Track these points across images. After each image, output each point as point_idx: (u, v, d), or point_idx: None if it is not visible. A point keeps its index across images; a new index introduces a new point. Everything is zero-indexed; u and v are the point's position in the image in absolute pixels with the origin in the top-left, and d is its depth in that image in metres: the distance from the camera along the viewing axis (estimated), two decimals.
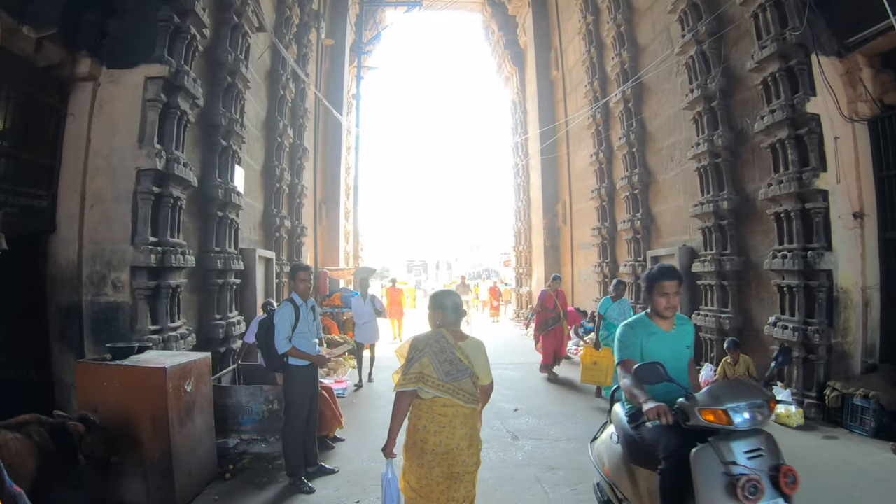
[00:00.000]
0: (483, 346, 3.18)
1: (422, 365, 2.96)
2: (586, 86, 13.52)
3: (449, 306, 3.10)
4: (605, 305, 7.84)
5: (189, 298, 6.79)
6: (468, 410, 3.01)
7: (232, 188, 7.58)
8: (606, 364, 7.45)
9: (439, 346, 3.00)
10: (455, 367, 2.97)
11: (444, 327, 3.09)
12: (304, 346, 4.58)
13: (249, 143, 9.35)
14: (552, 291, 9.58)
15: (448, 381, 2.95)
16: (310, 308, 4.72)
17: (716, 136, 8.44)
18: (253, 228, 9.35)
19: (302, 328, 4.57)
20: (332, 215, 15.88)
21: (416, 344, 3.05)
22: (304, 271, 4.68)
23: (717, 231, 8.45)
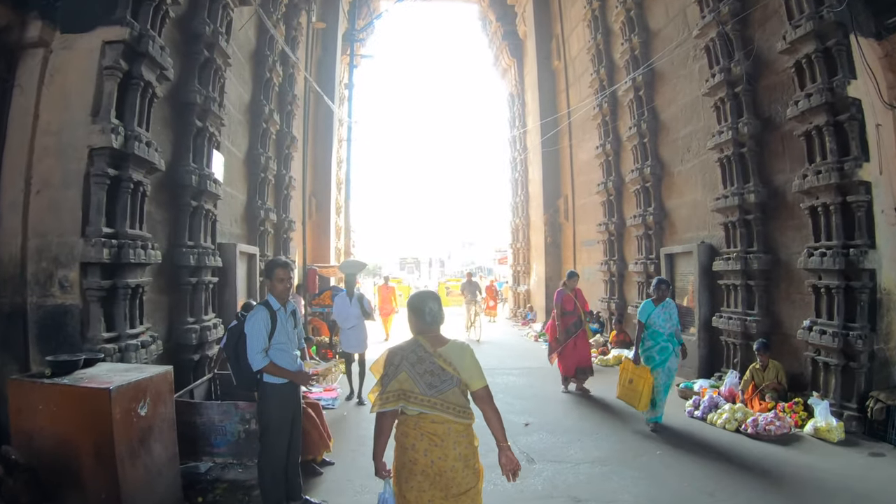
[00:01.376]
0: (467, 347, 2.80)
1: (399, 381, 2.66)
2: (592, 74, 12.78)
3: (425, 311, 2.79)
4: (646, 311, 6.27)
5: (156, 300, 5.98)
6: (461, 427, 2.69)
7: (208, 175, 6.77)
8: (643, 385, 6.07)
9: (416, 356, 2.70)
10: (437, 377, 2.66)
11: (422, 334, 2.79)
12: (282, 360, 3.79)
13: (231, 127, 8.54)
14: (569, 291, 8.24)
15: (432, 395, 2.64)
16: (289, 313, 3.94)
17: (740, 123, 7.73)
18: (234, 221, 8.53)
19: (280, 338, 3.78)
20: (322, 210, 15.06)
21: (391, 358, 2.75)
22: (281, 268, 3.86)
23: (741, 226, 7.75)
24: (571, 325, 8.12)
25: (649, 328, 6.25)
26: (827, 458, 5.35)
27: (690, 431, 6.20)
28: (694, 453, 5.43)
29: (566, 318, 8.15)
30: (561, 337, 8.13)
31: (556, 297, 8.32)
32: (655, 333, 6.22)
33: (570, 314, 8.18)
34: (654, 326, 6.22)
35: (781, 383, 6.97)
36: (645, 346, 6.26)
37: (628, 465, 5.13)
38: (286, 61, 11.35)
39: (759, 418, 6.16)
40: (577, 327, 8.11)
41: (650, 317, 6.24)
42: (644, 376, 6.08)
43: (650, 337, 6.26)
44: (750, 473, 4.94)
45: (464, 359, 2.73)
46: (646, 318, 6.25)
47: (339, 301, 7.59)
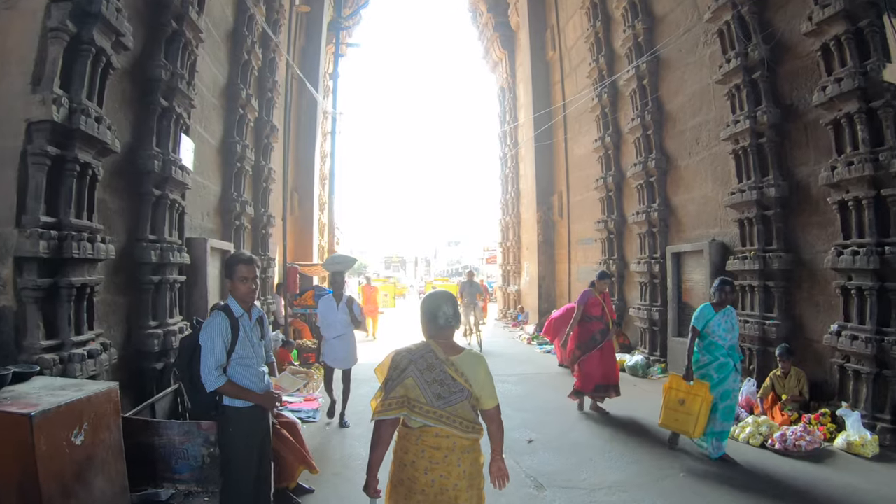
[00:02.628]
0: (482, 359, 2.58)
1: (405, 387, 2.41)
2: (590, 63, 12.19)
3: (439, 315, 2.55)
4: (704, 317, 5.19)
5: (112, 301, 5.22)
6: (468, 442, 2.45)
7: (174, 160, 6.01)
8: (699, 405, 5.02)
9: (426, 362, 2.45)
10: (447, 388, 2.42)
11: (434, 339, 2.54)
12: (245, 377, 3.07)
13: (204, 111, 7.78)
14: (597, 294, 7.10)
15: (440, 407, 2.40)
16: (255, 321, 3.22)
17: (759, 112, 7.18)
18: (206, 214, 7.77)
19: (243, 351, 3.07)
20: (305, 205, 14.28)
21: (397, 361, 2.49)
22: (244, 265, 3.11)
23: (759, 223, 7.19)
24: (597, 332, 6.99)
25: (706, 338, 5.19)
26: (866, 475, 4.83)
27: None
28: (720, 473, 4.84)
29: (591, 324, 7.01)
30: (583, 346, 7.00)
31: (581, 298, 7.15)
32: (714, 346, 5.17)
33: (596, 320, 7.05)
34: (713, 337, 5.16)
35: (803, 393, 6.43)
36: (700, 361, 5.22)
37: (650, 490, 4.51)
38: (267, 45, 10.60)
39: (786, 433, 5.61)
40: (603, 336, 7.01)
41: (709, 325, 5.17)
42: (700, 393, 5.04)
43: (707, 350, 5.20)
44: (785, 496, 4.38)
45: (478, 372, 2.49)
46: (703, 325, 5.18)
47: (325, 305, 6.48)
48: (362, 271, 60.05)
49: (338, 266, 7.21)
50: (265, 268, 9.99)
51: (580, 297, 7.19)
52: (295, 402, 6.52)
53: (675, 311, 8.81)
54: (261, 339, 3.23)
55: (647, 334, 9.64)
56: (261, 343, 3.22)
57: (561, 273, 15.11)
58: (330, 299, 6.50)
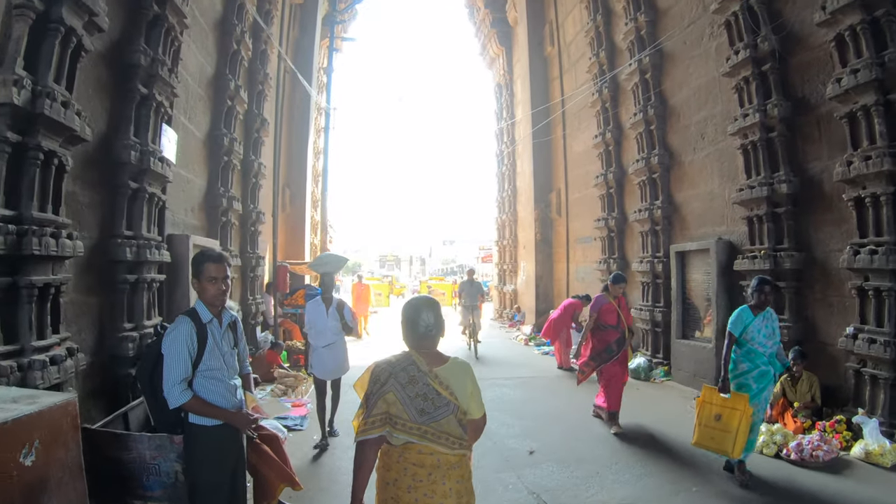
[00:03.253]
0: (469, 368, 2.39)
1: (387, 402, 2.23)
2: (590, 58, 11.86)
3: (419, 322, 2.35)
4: (742, 321, 4.62)
5: (83, 302, 4.85)
6: (454, 458, 2.27)
7: (152, 151, 5.64)
8: (738, 421, 4.40)
9: (408, 375, 2.27)
10: (431, 402, 2.25)
11: (416, 349, 2.36)
12: (213, 392, 2.72)
13: (189, 102, 7.41)
14: (612, 299, 6.37)
15: (424, 423, 2.22)
16: (226, 327, 2.86)
17: (769, 105, 6.88)
18: (191, 210, 7.39)
19: (211, 362, 2.71)
20: (297, 202, 13.90)
21: (377, 374, 2.31)
22: (213, 263, 2.73)
23: (769, 221, 6.90)
24: (613, 342, 6.26)
25: (744, 345, 4.62)
26: (888, 487, 4.57)
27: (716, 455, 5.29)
28: (735, 487, 4.52)
29: (606, 333, 6.31)
30: (598, 357, 6.33)
31: (594, 305, 6.45)
32: (753, 353, 4.59)
33: (612, 329, 6.31)
34: (752, 343, 4.59)
35: (815, 399, 6.14)
36: (737, 370, 4.64)
37: None
38: (258, 36, 10.22)
39: (802, 442, 5.30)
40: (620, 346, 6.29)
41: (747, 329, 4.61)
42: (739, 407, 4.43)
43: (745, 358, 4.62)
44: None
45: (464, 383, 2.30)
46: (741, 330, 4.61)
47: (313, 310, 5.72)
48: (356, 270, 59.53)
49: (327, 267, 6.31)
50: (254, 266, 9.62)
51: (593, 303, 6.53)
52: (280, 408, 6.16)
53: (679, 311, 8.51)
54: (233, 347, 2.86)
55: (650, 336, 9.34)
56: (233, 352, 2.86)
57: (559, 272, 14.80)
58: (318, 303, 5.76)
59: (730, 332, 4.65)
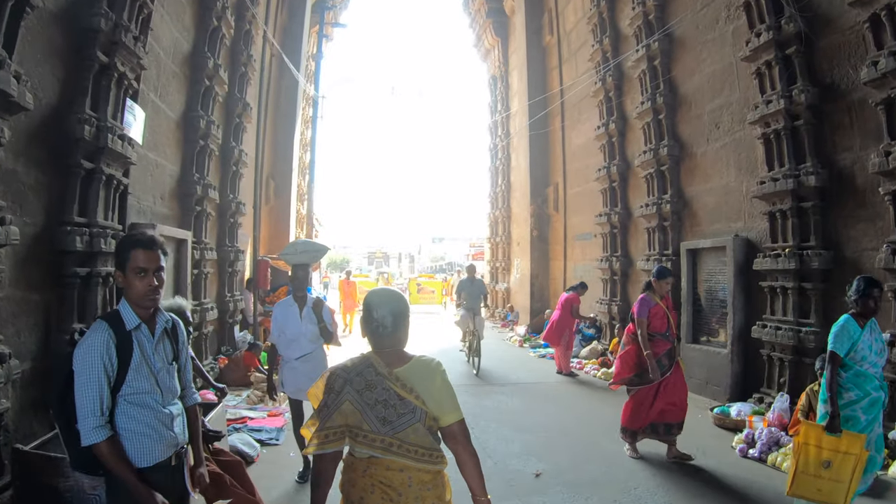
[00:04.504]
0: (437, 366, 2.02)
1: (343, 414, 1.89)
2: (593, 45, 11.29)
3: (374, 318, 2.01)
4: (848, 336, 3.64)
5: (22, 299, 4.15)
6: (428, 476, 1.93)
7: (113, 128, 4.95)
8: (852, 467, 3.44)
9: (364, 380, 1.93)
10: (393, 409, 1.91)
11: (375, 350, 2.02)
12: (139, 423, 2.02)
13: (161, 78, 6.71)
14: (658, 299, 5.22)
15: (388, 433, 1.88)
16: (160, 335, 2.17)
17: (794, 91, 6.33)
18: (160, 197, 6.69)
19: (137, 383, 2.02)
20: (281, 194, 13.18)
21: (331, 381, 1.95)
22: (142, 249, 2.03)
23: (794, 216, 6.35)
24: (664, 355, 5.13)
25: (850, 367, 3.65)
26: None
27: (753, 480, 4.73)
28: None
29: (655, 344, 5.11)
30: (644, 374, 5.12)
31: (640, 308, 5.20)
32: (862, 377, 3.63)
33: (662, 338, 5.15)
34: (862, 364, 3.63)
35: None
36: (842, 400, 3.62)
37: None
38: (242, 14, 9.51)
39: None
40: (671, 360, 5.14)
41: (856, 347, 3.62)
42: (854, 451, 3.45)
43: (852, 383, 3.63)
44: None
45: (431, 382, 1.99)
46: (847, 349, 3.62)
47: (282, 312, 4.52)
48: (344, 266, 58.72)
49: (301, 256, 4.80)
50: (233, 261, 8.92)
51: (639, 305, 5.24)
52: (257, 417, 5.50)
53: (689, 314, 7.95)
54: (171, 362, 2.17)
55: None
56: (171, 369, 2.17)
57: (555, 270, 14.23)
58: (289, 303, 4.54)
59: (833, 352, 3.62)
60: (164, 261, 2.12)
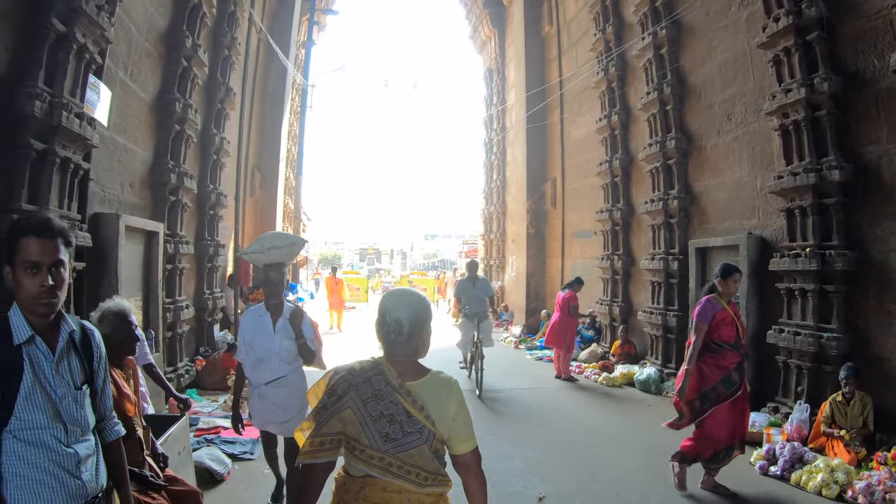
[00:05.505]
0: (454, 385, 1.81)
1: (342, 421, 1.71)
2: (595, 34, 10.82)
3: (386, 322, 1.82)
4: None
5: None
6: (429, 499, 1.76)
7: (69, 106, 4.43)
8: None
9: (372, 389, 1.74)
10: (399, 426, 1.71)
11: (388, 356, 1.83)
12: (33, 468, 1.52)
13: (132, 56, 6.17)
14: (724, 303, 4.37)
15: (388, 451, 1.69)
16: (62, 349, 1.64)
17: (816, 79, 5.89)
18: (129, 185, 6.14)
19: (28, 415, 1.52)
20: (268, 187, 12.63)
21: (334, 384, 1.76)
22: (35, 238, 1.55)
23: (815, 213, 5.91)
24: (733, 370, 4.28)
25: None
26: None
27: (778, 500, 4.30)
28: None
29: (722, 356, 4.27)
30: (712, 393, 4.26)
31: (702, 313, 4.29)
32: None
33: (730, 349, 4.29)
34: None
35: (867, 423, 5.19)
36: None
37: None
38: None
39: (871, 482, 4.32)
40: (741, 375, 4.35)
41: None
42: None
43: None
44: None
45: (447, 404, 1.76)
46: None
47: (250, 324, 3.64)
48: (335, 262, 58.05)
49: (272, 254, 3.68)
50: (213, 255, 8.37)
51: (701, 309, 4.33)
52: (229, 431, 4.98)
53: None
54: (81, 386, 1.66)
55: (660, 343, 8.34)
56: (80, 395, 1.65)
57: (552, 269, 13.78)
58: (259, 313, 3.65)
59: None
60: (65, 253, 1.61)
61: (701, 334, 4.24)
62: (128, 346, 2.71)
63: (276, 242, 3.67)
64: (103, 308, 2.70)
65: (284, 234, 3.74)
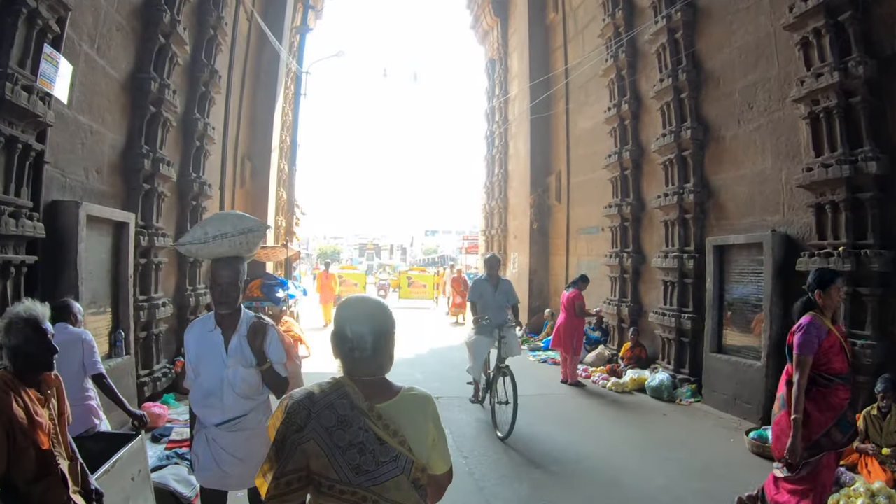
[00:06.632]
0: (429, 403, 1.64)
1: (306, 454, 1.50)
2: (603, 20, 10.25)
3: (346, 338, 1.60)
4: None
5: None
6: None
7: (14, 77, 3.89)
8: None
9: (336, 416, 1.53)
10: (372, 456, 1.50)
11: (349, 375, 1.61)
12: None
13: (100, 28, 5.61)
14: (829, 322, 3.45)
15: (362, 485, 1.49)
16: None
17: (850, 63, 5.37)
18: (96, 171, 5.59)
19: None
20: (259, 177, 12.06)
21: (293, 413, 1.53)
22: None
23: (848, 209, 5.40)
24: (849, 409, 3.40)
25: None
26: None
27: None
28: None
29: (834, 391, 3.35)
30: (825, 441, 3.32)
31: (806, 338, 3.34)
32: None
33: (841, 383, 3.37)
34: None
35: None
36: None
37: None
38: None
39: None
40: (854, 410, 3.76)
41: None
42: None
43: None
44: None
45: (422, 426, 1.59)
46: None
47: (195, 340, 2.70)
48: (334, 258, 57.51)
49: (218, 245, 2.69)
50: None
51: (803, 337, 3.35)
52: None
53: (714, 319, 6.99)
54: None
55: (673, 346, 7.82)
56: None
57: (556, 266, 13.26)
58: (205, 326, 2.71)
59: None
60: None
61: (806, 369, 3.29)
62: (43, 359, 2.20)
63: (225, 228, 2.67)
64: (11, 314, 2.18)
65: (238, 216, 2.77)
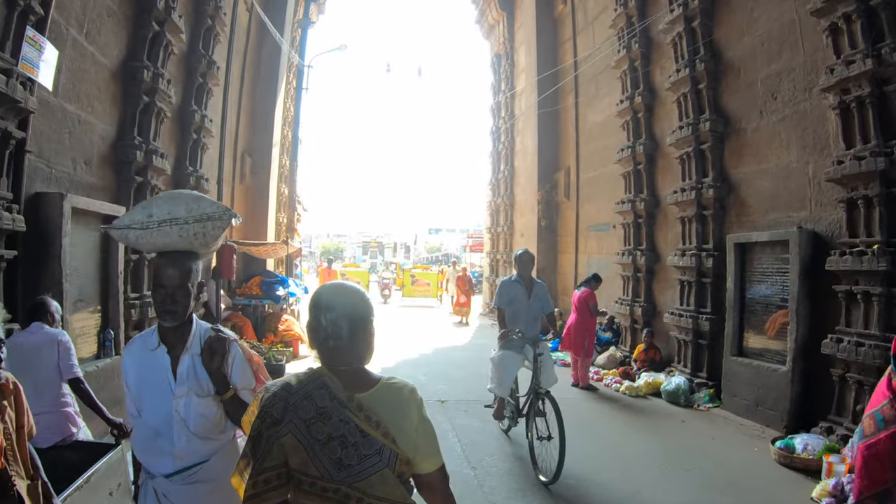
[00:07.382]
0: (410, 394, 1.53)
1: (284, 449, 1.41)
2: (615, 10, 9.90)
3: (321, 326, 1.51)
4: None
5: None
6: None
7: None
8: None
9: (315, 407, 1.44)
10: (354, 449, 1.42)
11: (327, 365, 1.52)
12: None
13: (89, 13, 5.33)
14: None
15: (345, 481, 1.41)
16: None
17: (884, 49, 5.02)
18: (84, 163, 5.29)
19: None
20: (259, 173, 11.76)
21: (268, 406, 1.45)
22: None
23: (882, 204, 5.05)
24: None
25: None
26: None
27: None
28: None
29: None
30: None
31: None
32: None
33: None
34: None
35: None
36: None
37: None
38: None
39: None
40: None
41: None
42: None
43: None
44: None
45: (405, 416, 1.50)
46: None
47: (134, 363, 1.94)
48: (338, 255, 57.27)
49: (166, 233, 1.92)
50: None
51: None
52: None
53: (735, 320, 6.65)
54: None
55: (689, 348, 7.48)
56: None
57: (565, 265, 12.92)
58: (145, 344, 1.96)
59: None
60: None
61: None
62: None
63: (177, 212, 1.92)
64: None
65: (195, 196, 2.00)
